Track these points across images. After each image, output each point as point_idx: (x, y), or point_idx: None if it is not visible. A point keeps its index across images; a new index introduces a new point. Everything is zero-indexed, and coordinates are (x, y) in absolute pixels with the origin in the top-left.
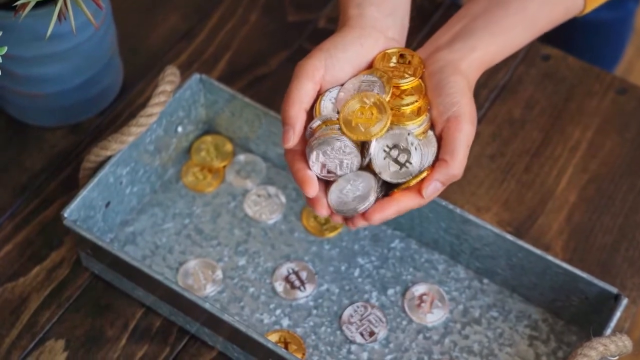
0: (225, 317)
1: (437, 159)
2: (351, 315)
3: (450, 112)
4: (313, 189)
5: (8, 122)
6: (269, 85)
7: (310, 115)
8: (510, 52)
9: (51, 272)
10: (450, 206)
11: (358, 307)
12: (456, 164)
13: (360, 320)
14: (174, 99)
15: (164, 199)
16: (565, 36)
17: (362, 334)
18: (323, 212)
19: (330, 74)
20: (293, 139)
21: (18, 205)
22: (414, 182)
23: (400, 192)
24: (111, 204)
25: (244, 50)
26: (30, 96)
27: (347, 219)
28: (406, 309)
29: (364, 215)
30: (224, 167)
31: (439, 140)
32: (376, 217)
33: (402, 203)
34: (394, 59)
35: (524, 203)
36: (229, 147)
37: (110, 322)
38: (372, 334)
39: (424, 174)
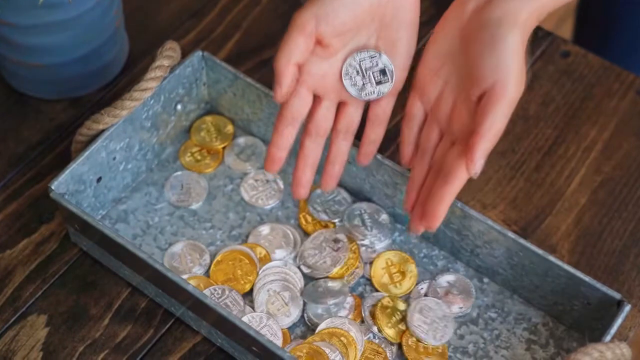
0: (208, 301)
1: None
2: None
3: (498, 76)
4: (272, 169)
5: (8, 93)
6: None
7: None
8: None
9: (39, 246)
10: None
11: None
12: (492, 136)
13: None
14: (174, 75)
15: (160, 178)
16: (608, 17)
17: None
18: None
19: (324, 24)
20: (280, 94)
21: (11, 177)
22: None
23: (440, 187)
24: (103, 180)
25: (254, 32)
26: (31, 66)
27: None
28: None
29: (423, 222)
30: (224, 148)
31: (475, 104)
32: (436, 223)
33: (451, 193)
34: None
35: (532, 202)
36: (230, 128)
37: (94, 300)
38: None
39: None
